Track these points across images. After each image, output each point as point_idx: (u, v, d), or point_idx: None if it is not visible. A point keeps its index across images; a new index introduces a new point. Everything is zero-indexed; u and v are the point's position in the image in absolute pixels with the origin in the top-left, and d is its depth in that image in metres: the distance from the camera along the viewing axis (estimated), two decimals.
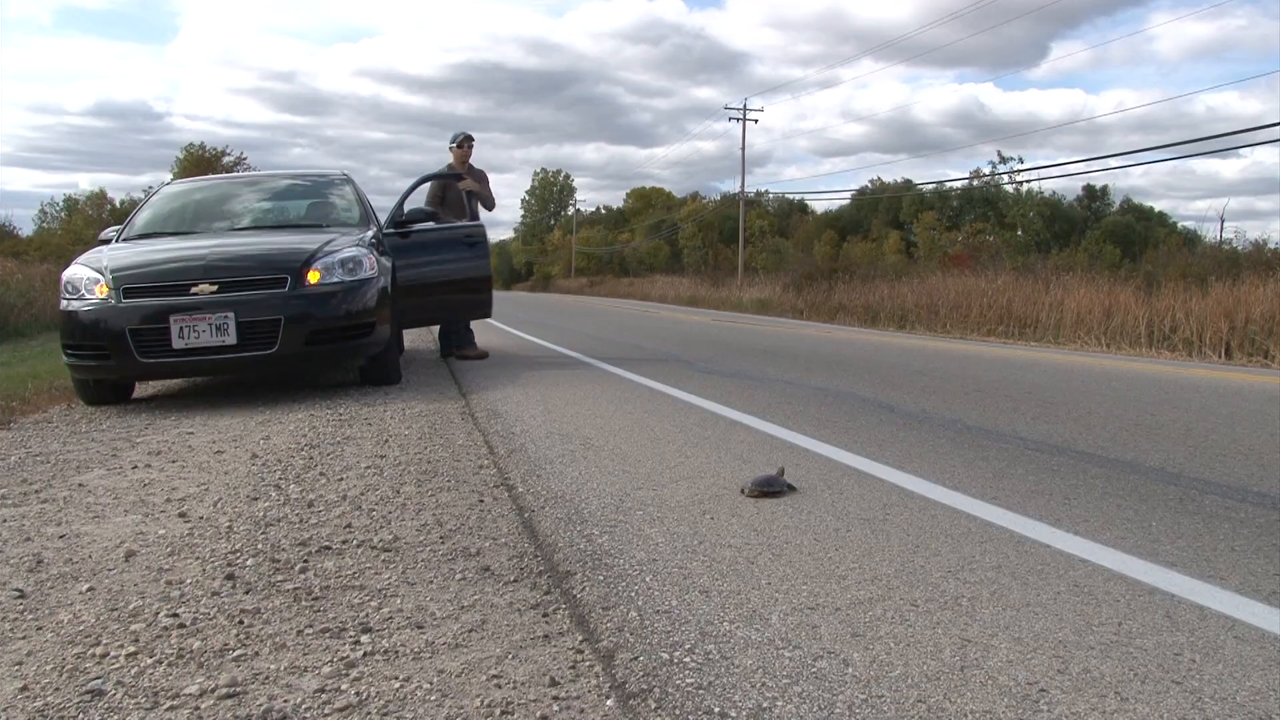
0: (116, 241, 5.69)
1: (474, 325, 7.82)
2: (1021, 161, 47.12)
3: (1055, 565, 2.09)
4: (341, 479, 3.07)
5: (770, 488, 2.75)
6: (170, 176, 33.46)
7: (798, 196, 59.43)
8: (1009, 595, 1.90)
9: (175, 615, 1.82)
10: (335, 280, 4.96)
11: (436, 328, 8.39)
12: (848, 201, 55.08)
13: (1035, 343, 10.98)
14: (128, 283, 4.71)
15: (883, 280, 17.95)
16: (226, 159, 36.21)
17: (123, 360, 4.63)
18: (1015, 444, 3.56)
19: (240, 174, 16.46)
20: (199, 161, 34.99)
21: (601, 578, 2.05)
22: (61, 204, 49.88)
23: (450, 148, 7.53)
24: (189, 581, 2.03)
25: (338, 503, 2.74)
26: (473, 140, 7.55)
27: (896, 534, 2.35)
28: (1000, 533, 2.35)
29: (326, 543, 2.33)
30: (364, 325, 5.09)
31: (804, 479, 2.95)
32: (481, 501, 2.76)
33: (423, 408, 4.68)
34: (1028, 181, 44.86)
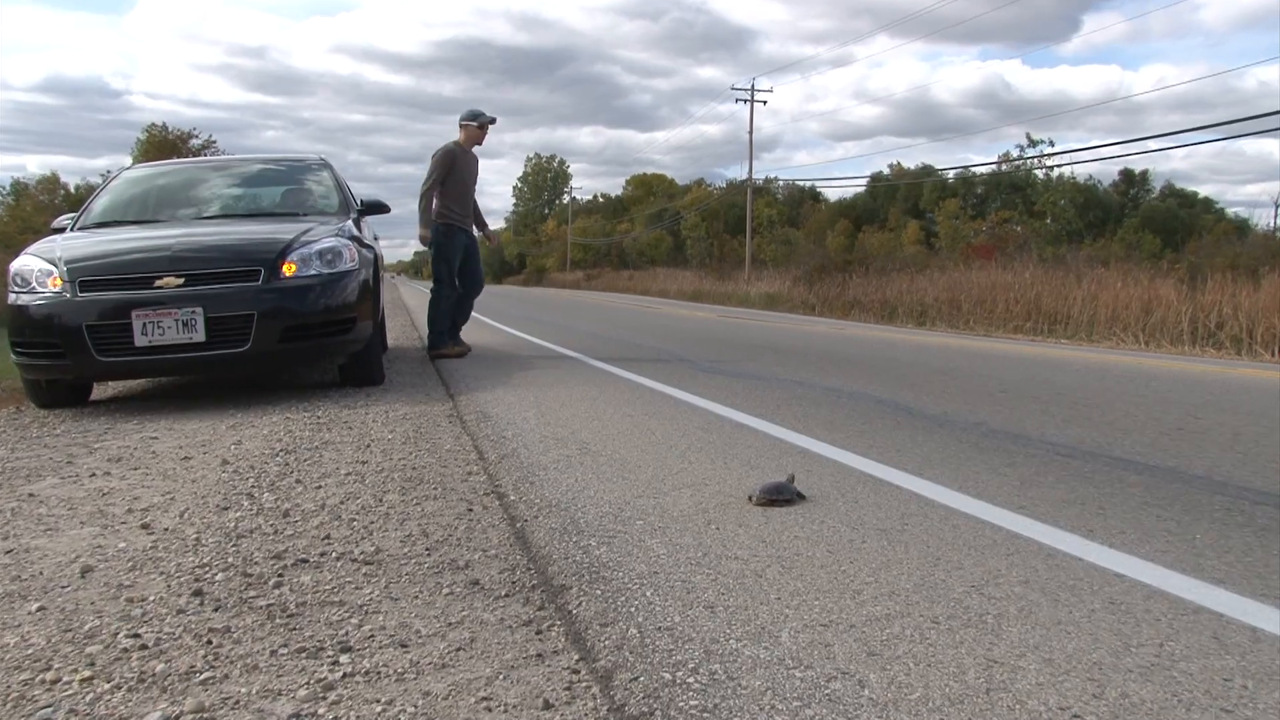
0: (71, 230, 5.69)
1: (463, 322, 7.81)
2: (1052, 144, 47.20)
3: (1089, 580, 2.09)
4: (320, 487, 3.07)
5: (779, 496, 2.75)
6: (130, 160, 33.39)
7: (809, 183, 59.55)
8: (1038, 613, 1.90)
9: (136, 635, 1.82)
10: (313, 273, 4.96)
11: (423, 323, 8.38)
12: (863, 189, 55.20)
13: (1066, 340, 10.98)
14: (84, 275, 4.69)
15: (901, 273, 17.97)
16: (194, 142, 36.13)
17: (79, 359, 4.61)
18: (1044, 449, 3.56)
19: (208, 158, 16.47)
20: (162, 144, 34.85)
21: (599, 592, 2.05)
22: (8, 188, 49.54)
23: (467, 124, 7.31)
24: (152, 599, 2.03)
25: (315, 512, 2.74)
26: (493, 122, 7.36)
27: (916, 546, 2.35)
28: (1028, 545, 2.35)
29: (303, 555, 2.32)
30: (344, 321, 5.09)
31: (815, 486, 2.95)
32: (470, 510, 2.76)
33: (407, 410, 4.68)
34: (1059, 166, 44.88)
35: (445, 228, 7.28)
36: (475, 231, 7.67)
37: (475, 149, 7.52)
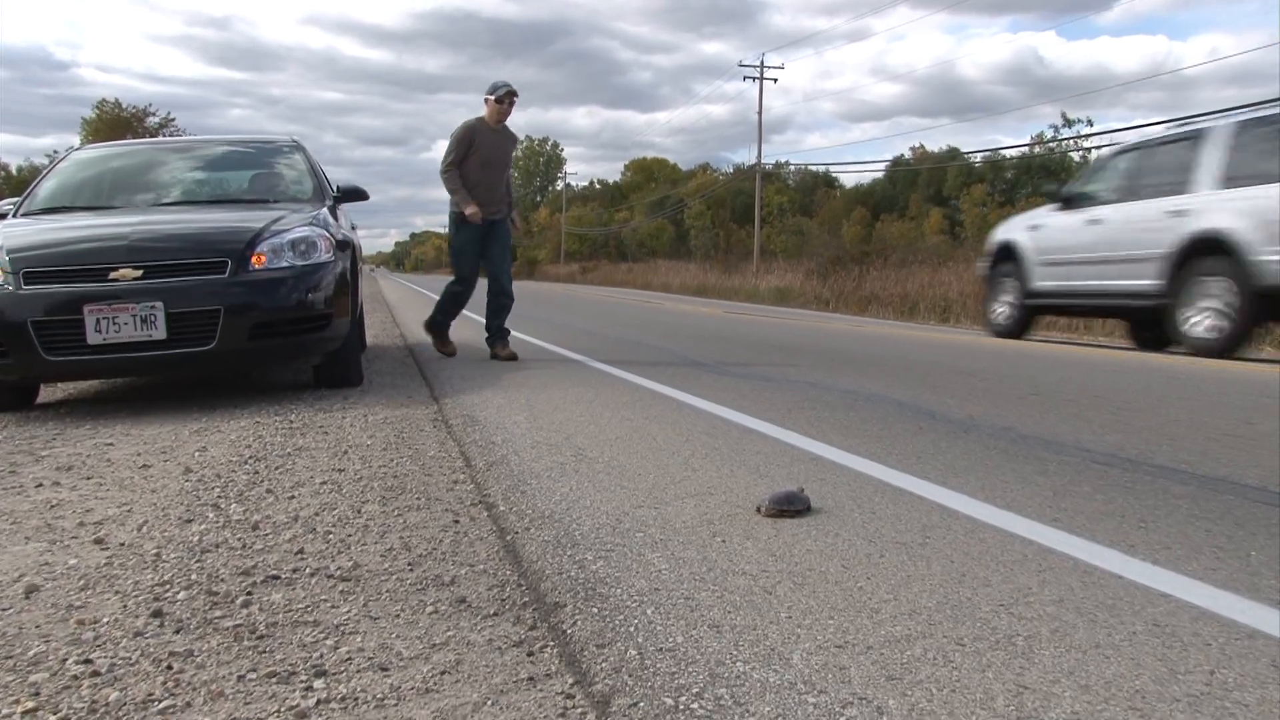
0: (14, 216, 5.69)
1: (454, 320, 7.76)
2: (1090, 124, 47.22)
3: (1129, 600, 2.09)
4: (292, 497, 3.07)
5: (790, 506, 2.75)
6: (78, 140, 33.35)
7: (823, 168, 59.74)
8: (1073, 635, 1.90)
9: (88, 661, 1.82)
10: (284, 265, 4.95)
11: (405, 320, 8.38)
12: (881, 174, 55.27)
13: (1105, 337, 10.99)
14: (30, 265, 4.68)
15: (923, 266, 18.03)
16: (150, 120, 36.14)
17: (24, 358, 4.59)
18: (1080, 456, 3.56)
19: (168, 139, 16.49)
20: (115, 123, 34.81)
21: (596, 610, 2.05)
22: None
23: (486, 99, 7.06)
24: (106, 620, 2.03)
25: (288, 525, 2.74)
26: (515, 96, 7.07)
27: (939, 560, 2.35)
28: (1062, 560, 2.35)
29: (274, 571, 2.32)
30: (318, 317, 5.09)
31: (829, 496, 2.95)
32: (456, 522, 2.76)
33: (388, 413, 4.69)
34: (1098, 147, 44.86)
35: (456, 216, 7.07)
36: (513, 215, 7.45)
37: (508, 125, 7.20)
